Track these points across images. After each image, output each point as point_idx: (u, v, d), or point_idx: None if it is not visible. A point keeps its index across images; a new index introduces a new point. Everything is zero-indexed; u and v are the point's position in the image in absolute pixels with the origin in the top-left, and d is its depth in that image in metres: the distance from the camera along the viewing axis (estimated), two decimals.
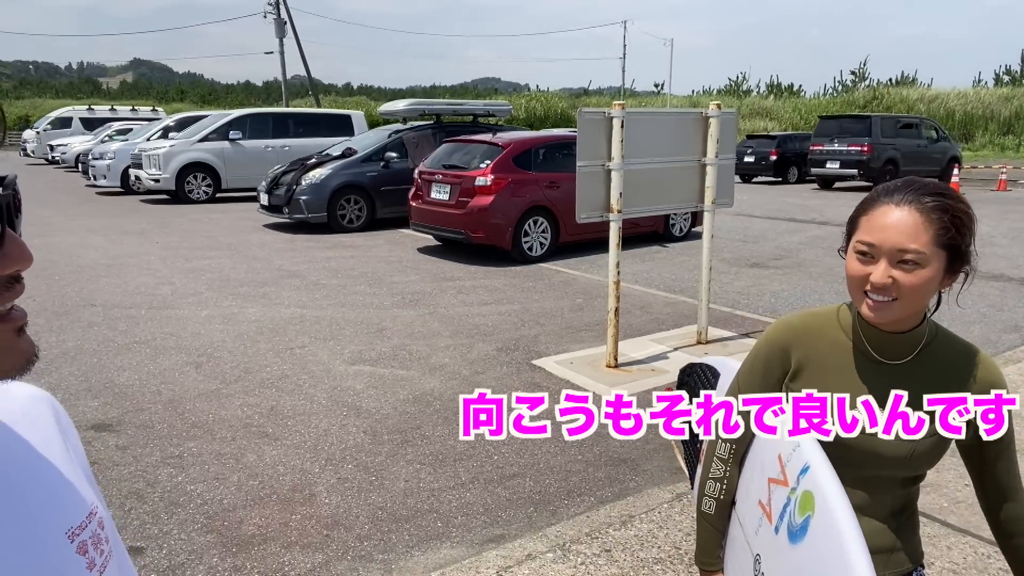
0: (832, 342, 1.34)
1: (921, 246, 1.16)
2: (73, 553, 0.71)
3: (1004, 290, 7.24)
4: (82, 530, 0.73)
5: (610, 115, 4.71)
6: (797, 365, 1.35)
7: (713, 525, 1.47)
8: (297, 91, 48.85)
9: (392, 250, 9.63)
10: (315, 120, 16.53)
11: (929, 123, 20.05)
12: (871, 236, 1.21)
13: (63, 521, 0.72)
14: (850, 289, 1.28)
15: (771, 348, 1.39)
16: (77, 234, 10.63)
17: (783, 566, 1.25)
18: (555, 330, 5.91)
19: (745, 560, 1.39)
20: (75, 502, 0.75)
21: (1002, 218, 12.69)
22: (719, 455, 1.45)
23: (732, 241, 10.27)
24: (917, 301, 1.21)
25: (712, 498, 1.46)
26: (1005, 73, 40.03)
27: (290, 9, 35.10)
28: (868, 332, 1.30)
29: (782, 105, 40.04)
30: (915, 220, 1.17)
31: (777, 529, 1.27)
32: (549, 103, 42.53)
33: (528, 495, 3.37)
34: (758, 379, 1.39)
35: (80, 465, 0.84)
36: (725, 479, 1.45)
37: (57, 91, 61.12)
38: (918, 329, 1.27)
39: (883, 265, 1.19)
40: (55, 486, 0.74)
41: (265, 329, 5.88)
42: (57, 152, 24.65)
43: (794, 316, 1.41)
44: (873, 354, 1.30)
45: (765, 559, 1.31)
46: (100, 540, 0.77)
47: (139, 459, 3.67)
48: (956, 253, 1.20)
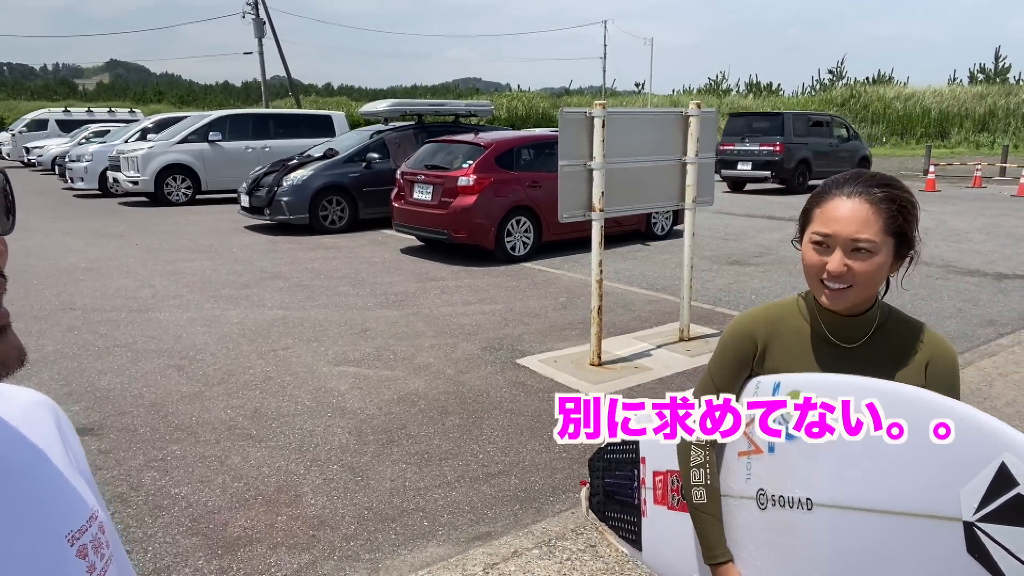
0: (793, 328, 1.42)
1: (873, 235, 1.26)
2: (73, 557, 0.72)
3: (980, 285, 7.36)
4: (82, 534, 0.74)
5: (591, 115, 4.74)
6: (763, 350, 1.43)
7: (710, 513, 1.46)
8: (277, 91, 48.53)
9: (375, 251, 9.61)
10: (296, 121, 16.44)
11: (840, 120, 19.58)
12: (826, 227, 1.30)
13: (63, 524, 0.72)
14: (808, 278, 1.37)
15: (738, 337, 1.46)
16: (54, 237, 10.50)
17: (791, 468, 1.29)
18: (539, 329, 5.94)
19: (750, 518, 1.40)
20: (75, 506, 0.76)
21: (977, 214, 12.90)
22: (696, 442, 1.47)
23: (713, 239, 10.36)
24: (870, 286, 1.31)
25: (701, 486, 1.46)
26: (979, 71, 40.67)
27: (269, 9, 34.89)
28: (825, 317, 1.38)
29: (761, 104, 40.38)
30: (866, 211, 1.27)
31: (771, 447, 1.34)
32: (530, 103, 42.64)
33: (514, 493, 3.39)
34: (730, 369, 1.45)
35: (80, 469, 0.85)
36: (707, 463, 1.46)
37: (32, 93, 60.28)
38: (870, 312, 1.36)
39: (838, 254, 1.28)
40: (55, 489, 0.74)
41: (248, 331, 5.85)
42: (33, 155, 24.32)
43: (756, 308, 1.50)
44: (831, 338, 1.38)
45: (769, 483, 1.35)
46: (100, 544, 0.78)
47: (122, 463, 3.65)
48: (903, 239, 1.30)
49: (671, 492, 1.64)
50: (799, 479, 1.29)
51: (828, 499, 1.24)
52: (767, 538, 1.37)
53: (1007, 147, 22.79)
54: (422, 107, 12.83)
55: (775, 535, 1.35)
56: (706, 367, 1.52)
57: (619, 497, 1.82)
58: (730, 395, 1.43)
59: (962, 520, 1.09)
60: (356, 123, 17.87)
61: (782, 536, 1.33)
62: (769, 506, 1.35)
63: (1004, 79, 39.26)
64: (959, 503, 1.09)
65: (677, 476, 1.61)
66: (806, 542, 1.28)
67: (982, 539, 1.07)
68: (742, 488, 1.42)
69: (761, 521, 1.37)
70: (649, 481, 1.72)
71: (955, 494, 1.09)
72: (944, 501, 1.11)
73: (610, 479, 1.87)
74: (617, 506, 1.82)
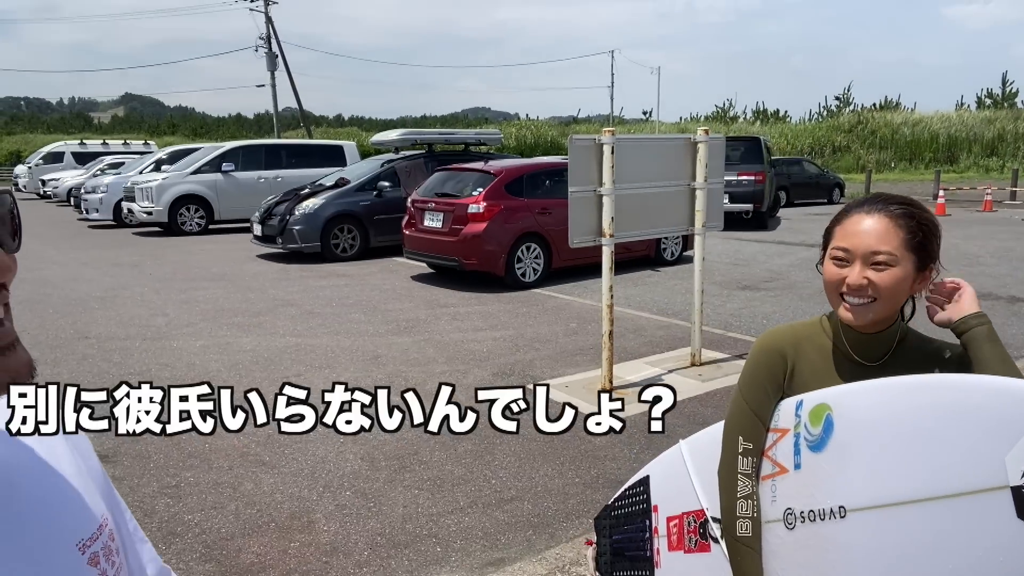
0: (817, 347, 1.42)
1: (892, 248, 1.28)
2: (85, 564, 0.73)
3: (992, 308, 7.32)
4: (93, 541, 0.75)
5: (600, 142, 4.80)
6: (792, 367, 1.41)
7: (754, 548, 1.39)
8: (288, 123, 49.14)
9: (386, 278, 9.67)
10: (307, 151, 16.65)
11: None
12: (846, 242, 1.32)
13: (73, 532, 0.73)
14: (828, 294, 1.37)
15: (769, 354, 1.43)
16: (70, 267, 10.62)
17: (820, 480, 1.26)
18: (550, 355, 5.94)
19: (777, 542, 1.35)
20: (85, 513, 0.76)
21: (989, 238, 12.86)
22: (743, 471, 1.41)
23: (723, 264, 10.36)
24: (892, 301, 1.31)
25: (747, 518, 1.39)
26: (987, 96, 40.71)
27: (281, 43, 35.51)
28: (848, 335, 1.38)
29: (768, 130, 40.59)
30: (885, 225, 1.29)
31: (798, 465, 1.30)
32: (539, 131, 42.96)
33: (527, 518, 3.37)
34: (762, 390, 1.41)
35: (92, 475, 0.86)
36: (754, 494, 1.40)
37: (49, 126, 61.27)
38: (891, 329, 1.36)
39: (858, 267, 1.30)
40: (64, 497, 0.75)
41: (260, 358, 5.88)
42: (49, 187, 24.69)
43: (782, 326, 1.49)
44: (853, 356, 1.38)
45: (796, 500, 1.30)
46: (112, 551, 0.78)
47: (136, 489, 3.66)
48: (924, 256, 1.31)
49: (688, 534, 1.60)
50: (828, 489, 1.25)
51: (862, 502, 1.20)
52: (797, 559, 1.32)
53: (1016, 171, 22.74)
54: (432, 136, 12.99)
55: (806, 553, 1.30)
56: (735, 391, 1.47)
57: (629, 553, 1.78)
58: (765, 420, 1.39)
59: (1009, 486, 1.05)
60: (367, 152, 18.07)
61: (814, 552, 1.28)
62: (798, 524, 1.30)
63: (1012, 104, 39.28)
64: (1005, 470, 1.05)
65: (695, 516, 1.57)
66: (841, 553, 1.23)
67: None
68: (768, 512, 1.37)
69: (790, 542, 1.33)
70: (663, 529, 1.68)
71: (999, 463, 1.06)
72: (987, 473, 1.07)
73: (619, 535, 1.83)
74: (627, 563, 1.77)
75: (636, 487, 1.80)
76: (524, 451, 4.09)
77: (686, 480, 1.60)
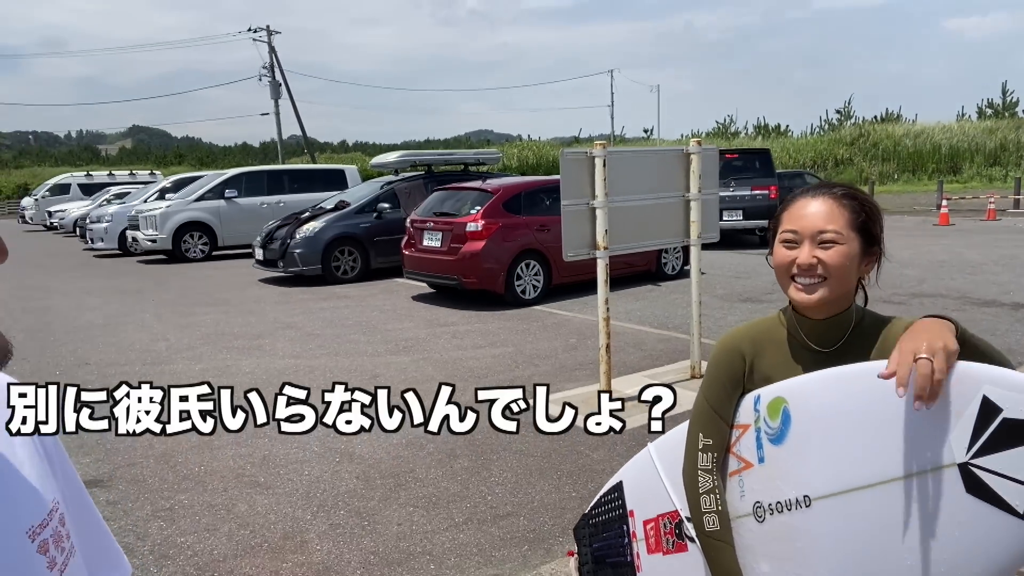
0: (775, 340, 1.45)
1: (838, 227, 1.32)
2: (35, 552, 0.71)
3: (997, 315, 7.26)
4: (43, 528, 0.73)
5: (592, 155, 4.80)
6: (750, 364, 1.44)
7: (723, 540, 1.41)
8: (293, 150, 49.57)
9: (387, 299, 9.67)
10: (309, 176, 16.75)
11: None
12: (794, 224, 1.37)
13: (23, 520, 0.71)
14: (779, 279, 1.41)
15: (728, 353, 1.47)
16: (74, 296, 10.67)
17: (784, 471, 1.30)
18: (549, 370, 5.91)
19: (749, 535, 1.38)
20: (36, 500, 0.75)
21: (992, 246, 12.79)
22: (703, 467, 1.44)
23: (724, 277, 10.32)
24: (842, 279, 1.33)
25: (712, 512, 1.42)
26: (988, 106, 40.72)
27: (284, 71, 35.95)
28: (803, 324, 1.41)
29: (770, 145, 40.63)
30: (830, 206, 1.34)
31: (761, 459, 1.34)
32: (541, 152, 43.21)
33: (522, 534, 3.33)
34: (722, 388, 1.45)
35: (47, 453, 0.83)
36: (716, 488, 1.43)
37: (56, 159, 61.99)
38: (845, 314, 1.38)
39: (807, 247, 1.34)
40: (18, 484, 0.74)
41: (259, 380, 5.86)
42: (55, 218, 24.88)
43: (739, 326, 1.52)
44: (809, 343, 1.40)
45: (764, 493, 1.34)
46: (61, 537, 0.77)
47: (129, 513, 3.64)
48: (869, 237, 1.36)
49: (664, 536, 1.61)
50: (792, 480, 1.29)
51: (825, 490, 1.25)
52: (769, 550, 1.35)
53: (1019, 180, 22.68)
54: (431, 157, 13.04)
55: (778, 545, 1.33)
56: (698, 392, 1.50)
57: (610, 560, 1.78)
58: (726, 416, 1.43)
59: (956, 464, 1.11)
60: (369, 176, 18.17)
61: (785, 543, 1.31)
62: (767, 516, 1.34)
63: (1013, 113, 39.28)
64: (952, 449, 1.12)
65: (670, 517, 1.59)
66: (809, 540, 1.27)
67: (979, 475, 1.10)
68: (738, 507, 1.40)
69: (761, 534, 1.36)
70: (640, 532, 1.68)
71: (945, 442, 1.12)
72: (937, 452, 1.13)
73: (598, 543, 1.83)
74: (609, 570, 1.77)
75: (611, 494, 1.79)
76: (521, 466, 4.05)
77: (657, 482, 1.60)
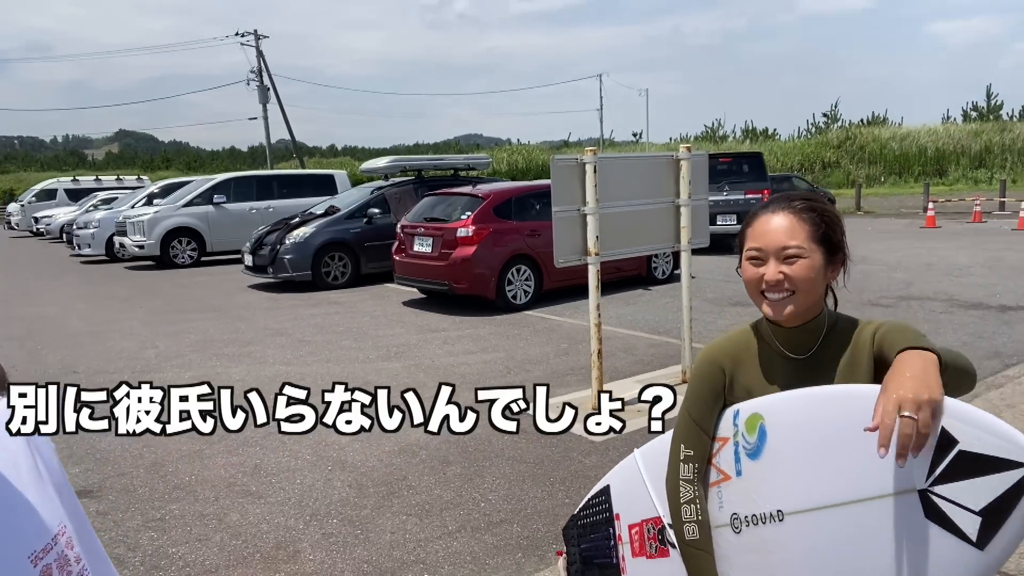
0: (753, 351, 1.48)
1: (800, 241, 1.36)
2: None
3: (983, 318, 7.32)
4: (46, 553, 0.73)
5: (583, 161, 4.82)
6: (731, 377, 1.48)
7: (703, 549, 1.44)
8: (282, 155, 49.39)
9: (377, 305, 9.65)
10: (299, 181, 16.70)
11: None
12: (757, 242, 1.39)
13: (25, 545, 0.71)
14: (750, 294, 1.44)
15: (709, 366, 1.51)
16: (60, 303, 10.58)
17: (759, 485, 1.35)
18: (540, 376, 5.91)
19: (726, 545, 1.42)
20: (40, 524, 0.74)
21: (979, 249, 12.91)
22: (684, 478, 1.47)
23: (715, 281, 10.36)
24: (809, 292, 1.37)
25: (692, 522, 1.45)
26: (972, 109, 41.14)
27: (272, 76, 35.84)
28: (777, 333, 1.44)
29: (758, 148, 40.88)
30: (790, 221, 1.37)
31: (739, 472, 1.38)
32: (531, 156, 43.30)
33: (516, 541, 3.33)
34: (704, 402, 1.49)
35: (53, 480, 0.83)
36: (697, 498, 1.46)
37: (42, 164, 61.55)
38: (816, 320, 1.42)
39: (772, 264, 1.37)
40: (20, 509, 0.73)
41: (249, 387, 5.83)
42: (42, 224, 24.70)
43: (719, 338, 1.56)
44: (785, 351, 1.44)
45: (740, 505, 1.38)
46: (67, 561, 0.76)
47: (120, 523, 3.61)
48: (831, 246, 1.39)
49: (648, 541, 1.64)
50: (767, 494, 1.33)
51: (797, 506, 1.29)
52: (744, 561, 1.38)
53: (1004, 182, 22.91)
54: (421, 162, 13.03)
55: (752, 556, 1.36)
56: (681, 405, 1.54)
57: (597, 560, 1.81)
58: (707, 429, 1.47)
59: (916, 490, 1.17)
60: (358, 181, 18.14)
61: (759, 555, 1.35)
62: (743, 528, 1.38)
63: (997, 116, 39.70)
64: (913, 475, 1.17)
65: (653, 523, 1.62)
66: (780, 553, 1.31)
67: (937, 502, 1.15)
68: (716, 516, 1.44)
69: (737, 545, 1.39)
70: (625, 536, 1.72)
71: (908, 468, 1.17)
72: (901, 477, 1.18)
73: (586, 544, 1.86)
74: (596, 570, 1.81)
75: (598, 497, 1.82)
76: (515, 473, 4.05)
77: (642, 488, 1.64)
